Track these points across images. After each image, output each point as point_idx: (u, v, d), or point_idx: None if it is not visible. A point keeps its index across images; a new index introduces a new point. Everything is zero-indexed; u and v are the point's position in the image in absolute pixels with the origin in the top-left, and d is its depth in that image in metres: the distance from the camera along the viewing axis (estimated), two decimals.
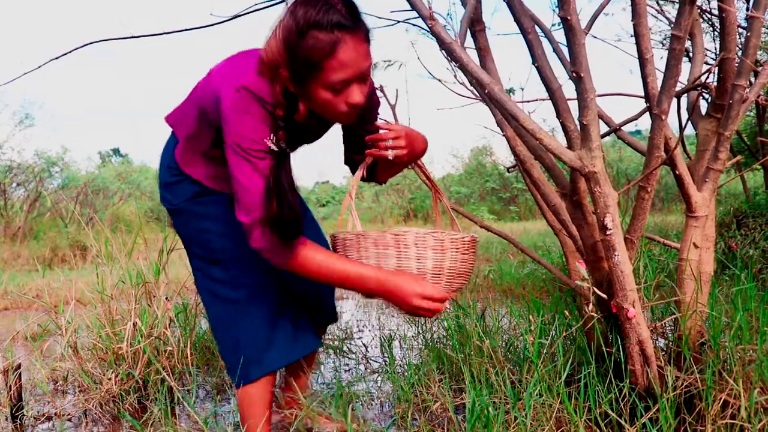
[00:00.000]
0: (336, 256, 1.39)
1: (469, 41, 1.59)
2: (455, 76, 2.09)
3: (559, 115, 1.45)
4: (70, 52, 1.78)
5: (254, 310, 1.52)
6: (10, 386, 2.04)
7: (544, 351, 1.73)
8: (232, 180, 1.33)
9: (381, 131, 1.47)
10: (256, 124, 1.29)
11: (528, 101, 2.11)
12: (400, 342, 2.73)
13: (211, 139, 1.44)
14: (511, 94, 2.31)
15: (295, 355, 1.55)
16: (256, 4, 1.73)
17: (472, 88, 2.00)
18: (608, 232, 1.34)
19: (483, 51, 1.62)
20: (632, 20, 1.32)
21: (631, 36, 1.35)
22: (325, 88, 1.26)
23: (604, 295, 1.39)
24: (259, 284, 1.53)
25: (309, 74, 1.24)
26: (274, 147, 1.31)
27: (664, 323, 1.61)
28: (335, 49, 1.21)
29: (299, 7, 1.23)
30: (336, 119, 1.36)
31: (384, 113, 1.71)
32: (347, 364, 2.52)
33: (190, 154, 1.51)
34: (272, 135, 1.31)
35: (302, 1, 1.23)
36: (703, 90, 1.68)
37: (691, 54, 1.79)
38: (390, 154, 1.45)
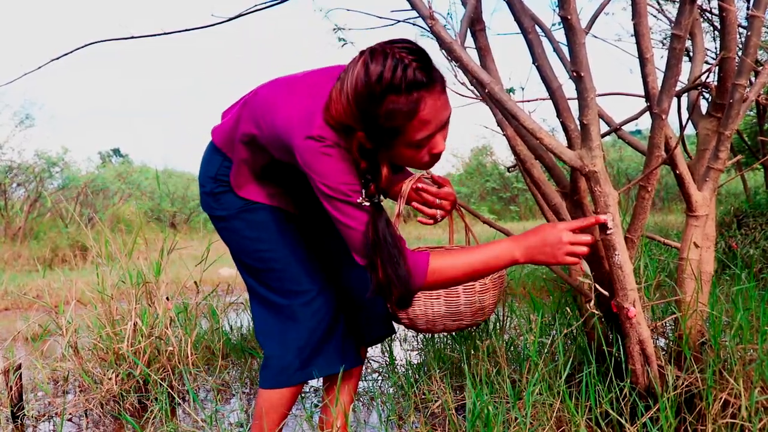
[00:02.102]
0: (458, 252, 1.33)
1: (470, 41, 1.59)
2: (455, 76, 2.08)
3: (559, 115, 1.45)
4: (71, 52, 1.78)
5: (304, 319, 1.49)
6: (11, 386, 2.04)
7: (545, 350, 1.73)
8: (337, 225, 1.30)
9: (433, 183, 1.51)
10: (337, 163, 1.25)
11: (528, 101, 2.10)
12: (400, 341, 2.73)
13: (264, 161, 1.43)
14: (511, 93, 2.31)
15: (336, 367, 1.51)
16: (256, 5, 1.73)
17: (472, 87, 2.00)
18: (608, 232, 1.34)
19: (483, 50, 1.61)
20: (632, 20, 1.32)
21: (632, 35, 1.35)
22: (408, 146, 1.22)
23: (606, 292, 1.38)
24: (311, 294, 1.50)
25: (389, 137, 1.20)
26: (366, 202, 1.27)
27: (665, 323, 1.61)
28: (416, 110, 1.16)
29: (368, 65, 1.16)
30: (417, 168, 1.32)
31: None
32: None
33: (243, 178, 1.49)
34: (362, 189, 1.27)
35: (370, 57, 1.17)
36: (704, 89, 1.68)
37: (691, 53, 1.79)
38: (439, 215, 1.50)
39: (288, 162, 1.39)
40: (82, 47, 1.78)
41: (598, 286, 1.39)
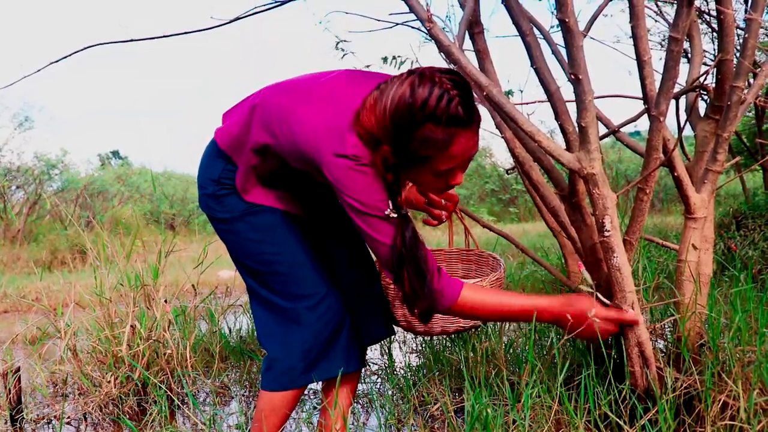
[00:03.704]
0: (493, 292, 1.38)
1: (468, 44, 1.60)
2: None
3: (557, 117, 1.45)
4: (70, 55, 1.78)
5: (308, 322, 1.47)
6: (10, 389, 2.03)
7: (543, 352, 1.73)
8: (366, 239, 1.31)
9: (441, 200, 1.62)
10: (372, 182, 1.26)
11: (527, 103, 2.11)
12: (399, 344, 2.73)
13: (275, 167, 1.43)
14: (509, 96, 2.31)
15: (338, 371, 1.50)
16: (256, 7, 1.74)
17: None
18: (607, 234, 1.34)
19: (481, 53, 1.62)
20: (630, 22, 1.32)
21: (630, 37, 1.35)
22: (430, 173, 1.24)
23: (606, 300, 1.38)
24: (316, 297, 1.49)
25: (416, 161, 1.22)
26: (394, 214, 1.27)
27: (663, 325, 1.61)
28: (449, 144, 1.19)
29: (414, 87, 1.17)
30: (429, 191, 1.40)
31: None
32: None
33: (250, 183, 1.48)
34: (389, 201, 1.28)
35: (418, 80, 1.18)
36: (702, 91, 1.68)
37: (689, 55, 1.79)
38: (443, 216, 1.63)
39: (302, 169, 1.39)
40: (82, 50, 1.78)
41: (599, 295, 1.39)
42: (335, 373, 1.49)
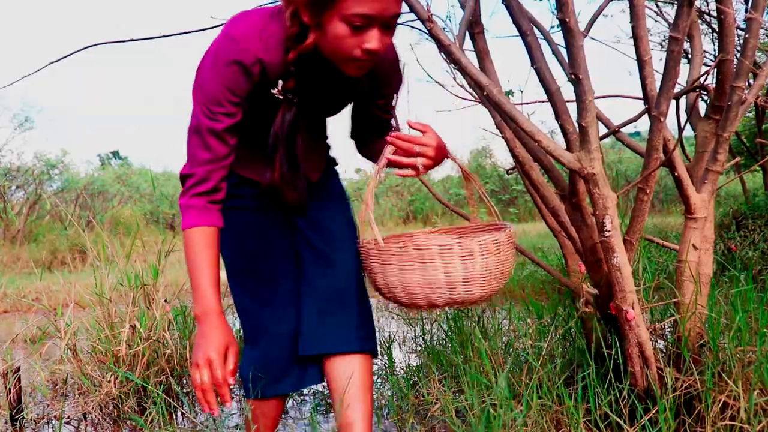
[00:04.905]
0: (209, 249, 1.24)
1: (468, 43, 1.59)
2: (454, 78, 2.09)
3: (557, 117, 1.45)
4: (70, 55, 1.78)
5: (273, 329, 1.41)
6: (10, 389, 2.03)
7: (543, 353, 1.73)
8: (188, 128, 1.23)
9: (410, 131, 1.29)
10: (221, 87, 1.17)
11: (527, 103, 2.11)
12: (399, 344, 2.73)
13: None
14: (510, 96, 2.31)
15: (308, 383, 1.43)
16: (255, 7, 1.73)
17: (471, 90, 2.00)
18: (607, 234, 1.34)
19: (482, 53, 1.62)
20: (631, 22, 1.32)
21: (630, 37, 1.35)
22: (342, 20, 1.10)
23: (598, 310, 1.38)
24: (277, 300, 1.41)
25: (327, 3, 1.10)
26: (279, 95, 1.22)
27: (664, 325, 1.61)
28: None
29: None
30: (346, 67, 1.19)
31: None
32: None
33: None
34: (285, 81, 1.21)
35: None
36: (702, 91, 1.68)
37: (689, 56, 1.79)
38: (419, 164, 1.27)
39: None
40: (82, 50, 1.78)
41: (598, 312, 1.39)
42: (307, 385, 1.44)
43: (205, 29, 1.75)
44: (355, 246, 1.42)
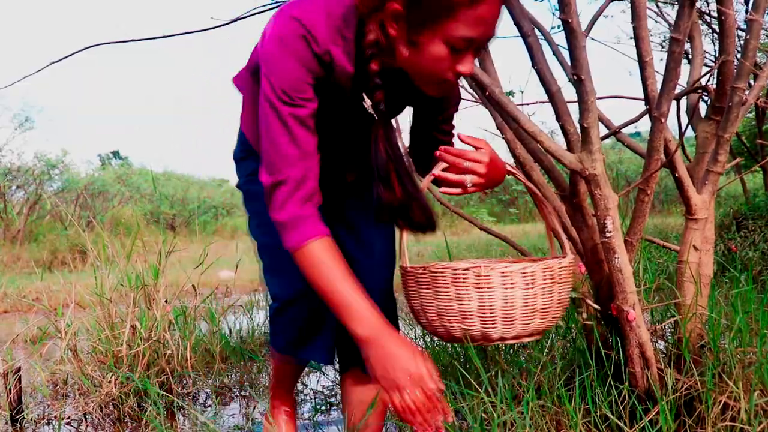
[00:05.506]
0: (342, 262, 1.10)
1: None
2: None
3: (558, 118, 1.45)
4: (71, 55, 1.78)
5: (294, 310, 1.31)
6: (10, 389, 2.03)
7: (543, 354, 1.73)
8: (260, 130, 1.09)
9: (463, 146, 1.20)
10: (298, 67, 1.05)
11: (528, 104, 2.11)
12: None
13: None
14: (510, 96, 2.31)
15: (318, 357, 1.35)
16: (256, 8, 1.74)
17: (472, 90, 2.00)
18: (608, 235, 1.34)
19: (483, 53, 1.62)
20: (632, 23, 1.32)
21: (631, 38, 1.35)
22: (444, 41, 1.01)
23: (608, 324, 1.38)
24: (280, 300, 1.32)
25: (434, 18, 0.99)
26: (370, 110, 1.10)
27: (664, 326, 1.61)
28: (479, 1, 0.98)
29: None
30: (429, 87, 1.11)
31: None
32: None
33: (251, 119, 1.27)
34: (372, 95, 1.09)
35: None
36: (703, 92, 1.68)
37: (690, 56, 1.79)
38: (468, 181, 1.17)
39: None
40: (82, 50, 1.78)
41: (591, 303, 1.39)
42: (309, 359, 1.36)
43: (206, 29, 1.76)
44: (393, 263, 1.38)
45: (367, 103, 1.11)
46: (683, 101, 1.78)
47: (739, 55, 1.39)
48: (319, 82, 1.09)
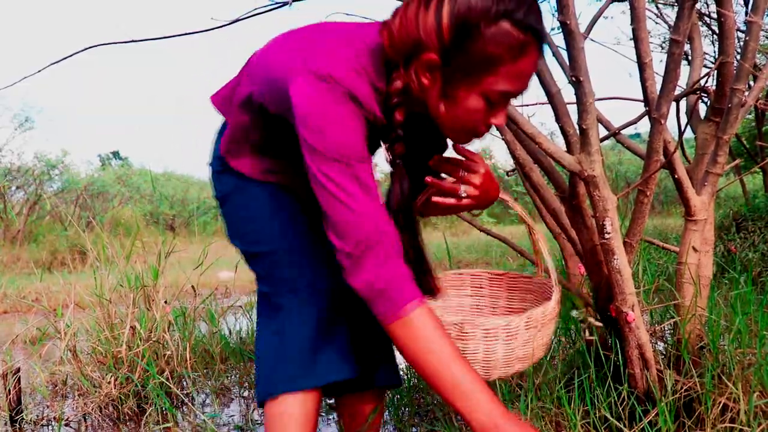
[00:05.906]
0: (448, 335, 1.01)
1: None
2: None
3: (558, 119, 1.45)
4: (71, 55, 1.78)
5: (303, 313, 1.19)
6: (9, 390, 2.03)
7: (545, 366, 1.73)
8: (322, 196, 1.00)
9: (456, 156, 1.14)
10: (352, 125, 0.99)
11: (527, 105, 2.11)
12: None
13: (264, 131, 1.16)
14: None
15: (345, 373, 1.19)
16: (256, 8, 1.74)
17: None
18: (607, 236, 1.34)
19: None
20: (631, 24, 1.32)
21: (631, 39, 1.35)
22: (481, 94, 0.99)
23: (600, 323, 1.38)
24: (312, 284, 1.20)
25: (474, 71, 0.96)
26: (387, 162, 1.07)
27: (664, 327, 1.61)
28: (521, 55, 0.95)
29: None
30: (458, 136, 1.07)
31: None
32: None
33: (235, 145, 1.20)
34: (393, 147, 1.06)
35: None
36: (702, 94, 1.68)
37: (690, 58, 1.80)
38: (463, 191, 1.12)
39: (281, 115, 1.10)
40: (82, 51, 1.78)
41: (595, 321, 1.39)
42: (345, 375, 1.19)
43: (206, 30, 1.75)
44: None
45: (389, 157, 1.07)
46: (683, 102, 1.78)
47: (738, 57, 1.39)
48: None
